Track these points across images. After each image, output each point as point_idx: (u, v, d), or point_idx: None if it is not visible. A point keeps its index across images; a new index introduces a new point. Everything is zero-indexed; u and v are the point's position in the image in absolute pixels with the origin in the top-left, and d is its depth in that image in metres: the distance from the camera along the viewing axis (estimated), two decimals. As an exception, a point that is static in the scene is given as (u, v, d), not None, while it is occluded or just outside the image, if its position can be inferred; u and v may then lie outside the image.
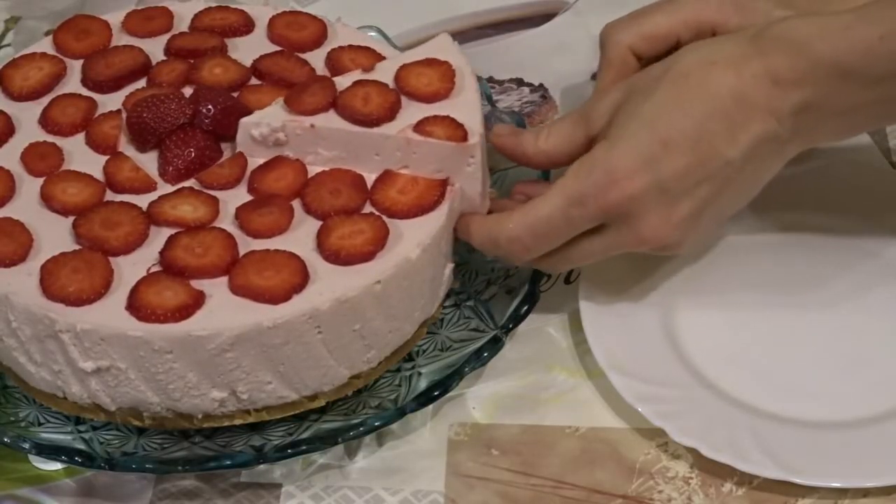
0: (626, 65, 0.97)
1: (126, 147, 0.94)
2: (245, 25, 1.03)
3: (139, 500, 0.91)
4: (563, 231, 0.90)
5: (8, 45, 1.22)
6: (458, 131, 0.91)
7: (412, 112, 0.92)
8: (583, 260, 0.93)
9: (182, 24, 1.03)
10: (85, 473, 0.92)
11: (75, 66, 1.00)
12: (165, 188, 0.92)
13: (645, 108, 0.88)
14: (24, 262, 0.88)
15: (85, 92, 0.98)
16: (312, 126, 0.91)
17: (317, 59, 1.00)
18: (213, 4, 1.05)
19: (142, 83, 0.99)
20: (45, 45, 1.02)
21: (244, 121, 0.92)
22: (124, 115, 0.95)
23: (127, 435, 0.91)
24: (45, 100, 0.98)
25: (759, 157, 0.88)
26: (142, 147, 0.94)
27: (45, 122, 0.96)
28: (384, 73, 0.94)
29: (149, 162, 0.93)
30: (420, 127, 0.91)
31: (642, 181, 0.87)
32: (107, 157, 0.94)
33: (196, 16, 1.04)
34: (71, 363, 0.86)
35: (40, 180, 0.92)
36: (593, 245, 0.91)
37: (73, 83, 0.99)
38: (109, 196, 0.91)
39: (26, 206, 0.91)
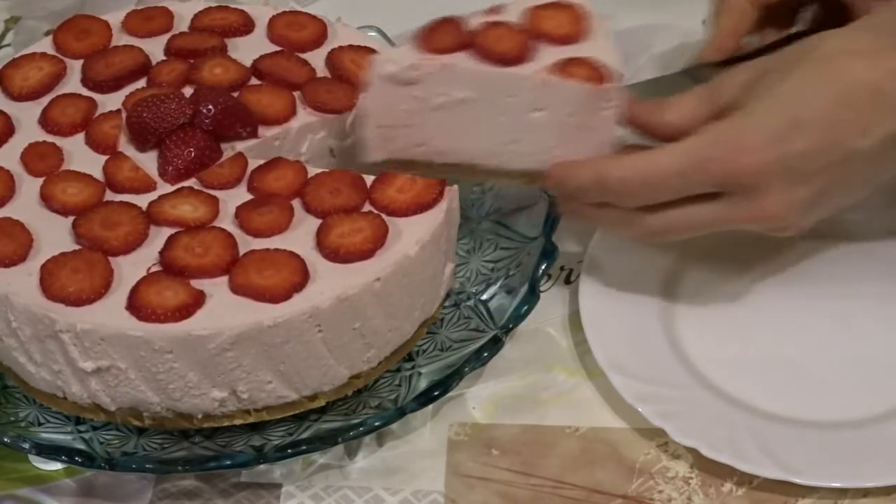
0: (745, 13, 0.98)
1: (126, 147, 0.94)
2: (245, 25, 1.03)
3: (139, 500, 0.91)
4: (676, 187, 0.89)
5: (8, 45, 1.22)
6: (596, 73, 0.90)
7: (546, 54, 0.91)
8: (684, 230, 0.91)
9: (182, 24, 1.03)
10: (85, 473, 0.92)
11: (75, 66, 1.00)
12: (165, 188, 0.92)
13: (782, 88, 0.87)
14: (24, 262, 0.87)
15: (85, 92, 0.98)
16: (446, 66, 0.90)
17: (317, 58, 1.00)
18: (213, 4, 1.05)
19: (142, 83, 0.99)
20: (45, 45, 1.02)
21: (376, 58, 0.92)
22: (124, 114, 0.95)
23: (127, 435, 0.91)
24: (45, 100, 0.98)
25: (885, 153, 0.87)
26: (142, 147, 0.94)
27: (45, 122, 0.96)
28: (512, 15, 0.93)
29: (149, 162, 0.93)
30: (557, 68, 0.90)
31: (770, 156, 0.86)
32: (106, 157, 0.94)
33: (196, 16, 1.04)
34: (71, 363, 0.86)
35: (40, 180, 0.92)
36: (702, 213, 0.89)
37: (73, 83, 0.99)
38: (109, 196, 0.91)
39: (26, 206, 0.91)
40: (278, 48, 1.01)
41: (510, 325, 0.94)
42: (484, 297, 0.97)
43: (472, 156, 0.94)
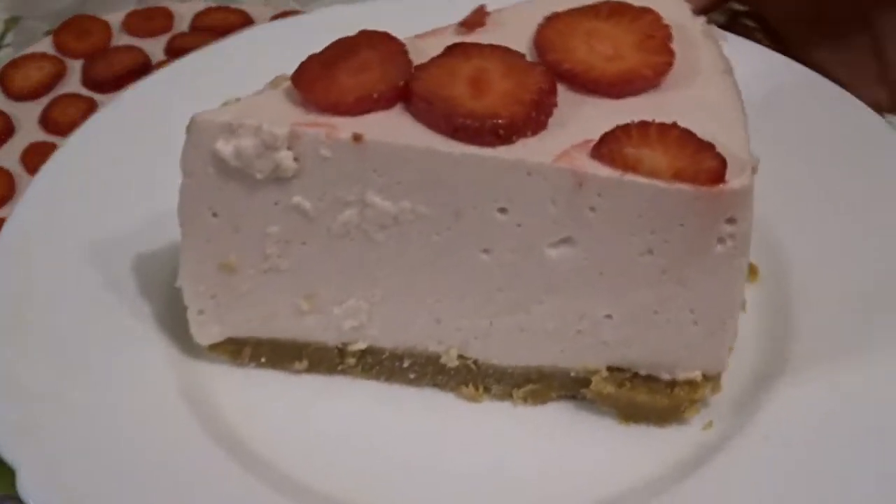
0: None
1: (126, 146, 0.94)
2: (245, 25, 1.03)
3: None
4: None
5: (8, 45, 1.22)
6: (699, 161, 0.48)
7: (584, 115, 0.50)
8: None
9: (182, 24, 1.04)
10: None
11: (76, 66, 1.00)
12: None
13: None
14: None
15: (85, 92, 0.98)
16: (357, 139, 0.49)
17: (317, 58, 1.00)
18: (213, 4, 1.05)
19: (142, 83, 0.99)
20: (46, 45, 1.02)
21: (199, 119, 0.52)
22: (124, 114, 0.95)
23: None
24: (46, 99, 0.98)
25: None
26: (142, 146, 0.94)
27: (46, 121, 0.96)
28: (513, 29, 0.50)
29: (149, 161, 0.93)
30: (606, 147, 0.48)
31: None
32: (107, 157, 0.94)
33: (196, 16, 1.04)
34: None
35: (40, 180, 0.92)
36: None
37: (73, 83, 0.99)
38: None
39: (26, 205, 0.91)
40: (278, 48, 1.01)
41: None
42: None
43: (418, 338, 0.52)
